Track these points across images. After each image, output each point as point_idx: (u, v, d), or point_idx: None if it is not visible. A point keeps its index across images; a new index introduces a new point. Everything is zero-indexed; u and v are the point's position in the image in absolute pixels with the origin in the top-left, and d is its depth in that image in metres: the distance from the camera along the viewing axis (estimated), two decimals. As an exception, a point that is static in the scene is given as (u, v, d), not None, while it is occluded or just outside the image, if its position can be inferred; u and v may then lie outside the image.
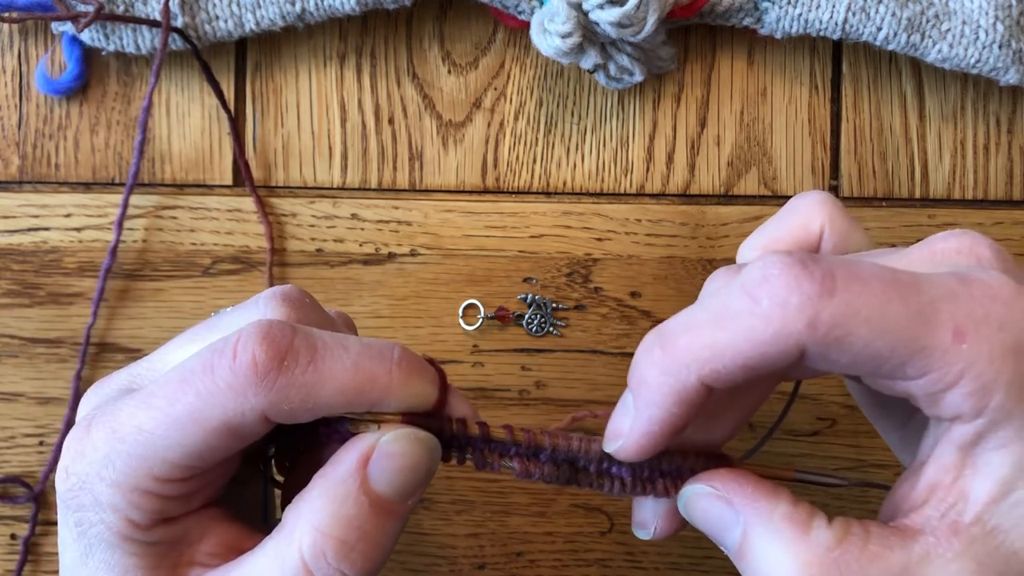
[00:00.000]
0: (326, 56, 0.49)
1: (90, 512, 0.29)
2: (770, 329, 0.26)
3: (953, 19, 0.45)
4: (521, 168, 0.49)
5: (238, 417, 0.28)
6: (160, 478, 0.28)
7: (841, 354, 0.27)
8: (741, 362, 0.27)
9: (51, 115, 0.49)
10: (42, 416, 0.48)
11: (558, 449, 0.31)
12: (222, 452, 0.29)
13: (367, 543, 0.28)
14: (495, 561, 0.48)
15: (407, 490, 0.29)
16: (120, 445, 0.28)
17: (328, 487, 0.28)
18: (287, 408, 0.28)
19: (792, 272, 0.27)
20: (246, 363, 0.27)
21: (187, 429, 0.28)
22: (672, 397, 0.28)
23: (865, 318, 0.26)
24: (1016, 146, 0.49)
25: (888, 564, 0.27)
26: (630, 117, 0.49)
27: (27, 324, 0.48)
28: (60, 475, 0.29)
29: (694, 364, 0.27)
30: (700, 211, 0.48)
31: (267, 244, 0.48)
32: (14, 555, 0.48)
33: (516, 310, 0.48)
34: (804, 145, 0.49)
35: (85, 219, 0.48)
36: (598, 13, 0.43)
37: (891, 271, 0.28)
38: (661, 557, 0.48)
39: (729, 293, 0.27)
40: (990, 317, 0.27)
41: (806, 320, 0.26)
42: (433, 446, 0.29)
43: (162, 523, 0.29)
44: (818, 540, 0.28)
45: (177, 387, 0.28)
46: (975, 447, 0.27)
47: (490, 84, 0.49)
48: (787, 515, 0.28)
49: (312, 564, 0.28)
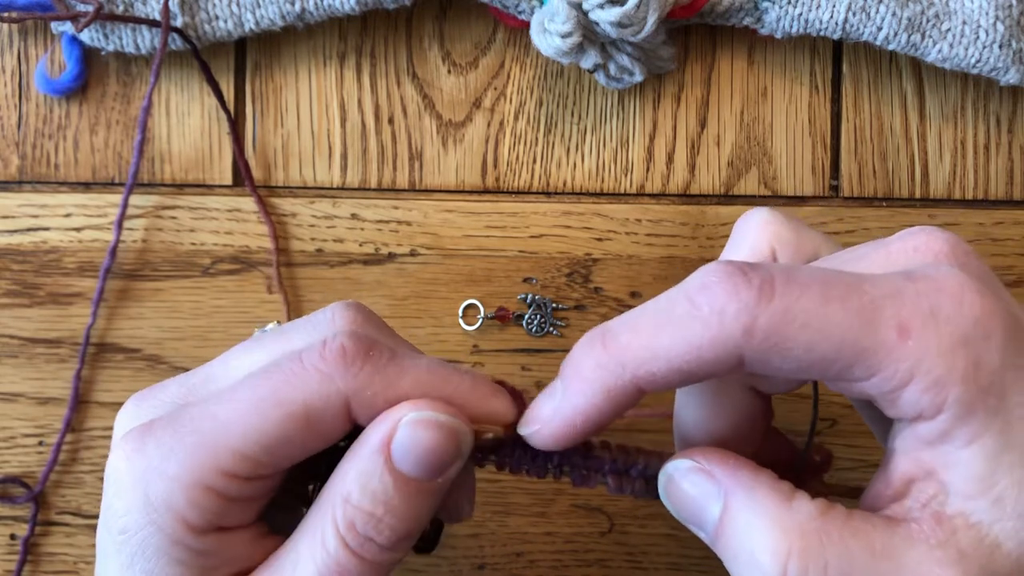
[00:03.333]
0: (326, 56, 0.49)
1: (139, 517, 0.28)
2: (707, 335, 0.26)
3: (953, 19, 0.45)
4: (521, 168, 0.49)
5: (321, 401, 0.28)
6: (227, 472, 0.28)
7: (783, 360, 0.27)
8: (676, 366, 0.27)
9: (51, 115, 0.49)
10: (42, 416, 0.48)
11: (649, 465, 0.31)
12: (295, 448, 0.29)
13: (395, 517, 0.28)
14: (495, 561, 0.48)
15: (431, 471, 0.29)
16: (189, 437, 0.28)
17: (355, 463, 0.29)
18: (370, 394, 0.28)
19: (731, 280, 0.27)
20: (335, 350, 0.28)
21: (268, 412, 0.28)
22: (602, 392, 0.28)
23: (803, 323, 0.26)
24: (1016, 146, 0.49)
25: (870, 540, 0.27)
26: (630, 117, 0.49)
27: (27, 324, 0.48)
28: (111, 477, 0.29)
29: (631, 364, 0.28)
30: (700, 211, 0.48)
31: (272, 244, 0.48)
32: (14, 555, 0.48)
33: (516, 310, 0.48)
34: (804, 145, 0.49)
35: (85, 219, 0.48)
36: (598, 13, 0.43)
37: (835, 273, 0.27)
38: (661, 557, 0.48)
39: (672, 298, 0.28)
40: (936, 311, 0.26)
41: (742, 327, 0.26)
42: (457, 429, 0.29)
43: (216, 532, 0.29)
44: (800, 510, 0.28)
45: (262, 377, 0.29)
46: (943, 444, 0.27)
47: (490, 84, 0.49)
48: (770, 486, 0.28)
49: (345, 533, 0.28)
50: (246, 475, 0.28)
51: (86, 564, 0.48)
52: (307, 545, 0.29)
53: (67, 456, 0.48)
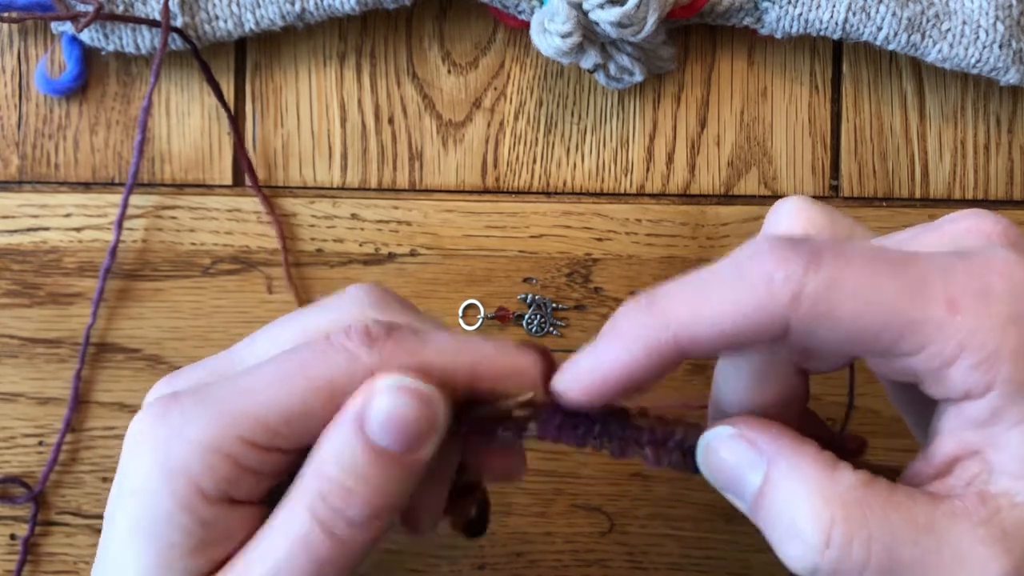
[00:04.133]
0: (326, 56, 0.49)
1: (156, 480, 0.28)
2: (754, 300, 0.26)
3: (953, 19, 0.45)
4: (521, 168, 0.49)
5: (346, 376, 0.28)
6: (246, 439, 0.28)
7: (829, 330, 0.27)
8: (721, 329, 0.27)
9: (51, 115, 0.49)
10: (42, 416, 0.48)
11: (688, 437, 0.30)
12: (314, 422, 0.28)
13: (368, 489, 0.28)
14: (495, 561, 0.48)
15: (405, 442, 0.28)
16: (213, 404, 0.28)
17: (329, 432, 0.28)
18: (394, 368, 0.28)
19: (780, 248, 0.27)
20: (360, 330, 0.29)
21: (293, 384, 0.28)
22: (643, 349, 0.28)
23: (851, 292, 0.26)
24: (1016, 146, 0.49)
25: (913, 514, 0.26)
26: (630, 117, 0.49)
27: (27, 324, 0.48)
28: (132, 440, 0.29)
29: (674, 323, 0.27)
30: (700, 211, 0.48)
31: (279, 242, 0.48)
32: (14, 555, 0.48)
33: (516, 310, 0.48)
34: (804, 145, 0.49)
35: (85, 219, 0.48)
36: (598, 13, 0.43)
37: (883, 250, 0.27)
38: (661, 557, 0.48)
39: (719, 266, 0.28)
40: (987, 289, 0.26)
41: (790, 293, 0.26)
42: (434, 399, 0.28)
43: (225, 503, 0.29)
44: (844, 481, 0.27)
45: (290, 352, 0.29)
46: (992, 425, 0.27)
47: (490, 84, 0.49)
48: (814, 456, 0.28)
49: (314, 506, 0.28)
50: (265, 444, 0.28)
51: (86, 564, 0.48)
52: (281, 519, 0.28)
53: (67, 456, 0.48)
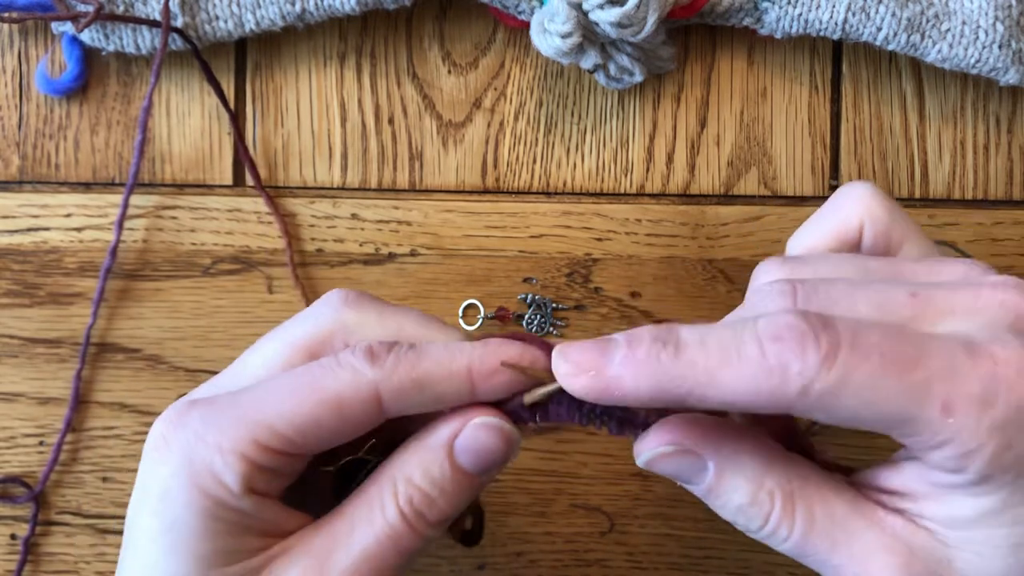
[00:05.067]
0: (326, 56, 0.49)
1: (182, 479, 0.31)
2: (767, 385, 0.28)
3: (953, 19, 0.45)
4: (521, 168, 0.49)
5: (352, 391, 0.31)
6: (261, 444, 0.31)
7: (826, 417, 0.29)
8: (730, 400, 0.29)
9: (51, 115, 0.49)
10: (42, 416, 0.48)
11: None
12: (324, 433, 0.32)
13: (445, 501, 0.33)
14: (495, 561, 0.48)
15: (484, 468, 0.33)
16: (230, 411, 0.31)
17: (420, 451, 0.33)
18: (396, 380, 0.32)
19: (803, 339, 0.28)
20: (364, 349, 0.32)
21: (304, 397, 0.31)
22: (654, 387, 0.30)
23: (855, 391, 0.28)
24: (1016, 146, 0.49)
25: (832, 509, 0.31)
26: (630, 117, 0.49)
27: (27, 324, 0.48)
28: (154, 446, 0.32)
29: (689, 382, 0.29)
30: (700, 211, 0.48)
31: (284, 241, 0.48)
32: (14, 555, 0.48)
33: (516, 310, 0.48)
34: (804, 145, 0.49)
35: (85, 219, 0.48)
36: (598, 13, 0.43)
37: (898, 341, 0.29)
38: (661, 557, 0.48)
39: (745, 336, 0.29)
40: (985, 396, 0.28)
41: (799, 388, 0.28)
42: (514, 439, 0.33)
43: (250, 494, 0.31)
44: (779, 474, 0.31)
45: (302, 369, 0.32)
46: (948, 489, 0.30)
47: (490, 84, 0.49)
48: (751, 453, 0.31)
49: (404, 506, 0.32)
50: (278, 449, 0.31)
51: (86, 564, 0.48)
52: (363, 515, 0.32)
53: (67, 456, 0.48)
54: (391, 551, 0.32)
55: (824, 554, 0.31)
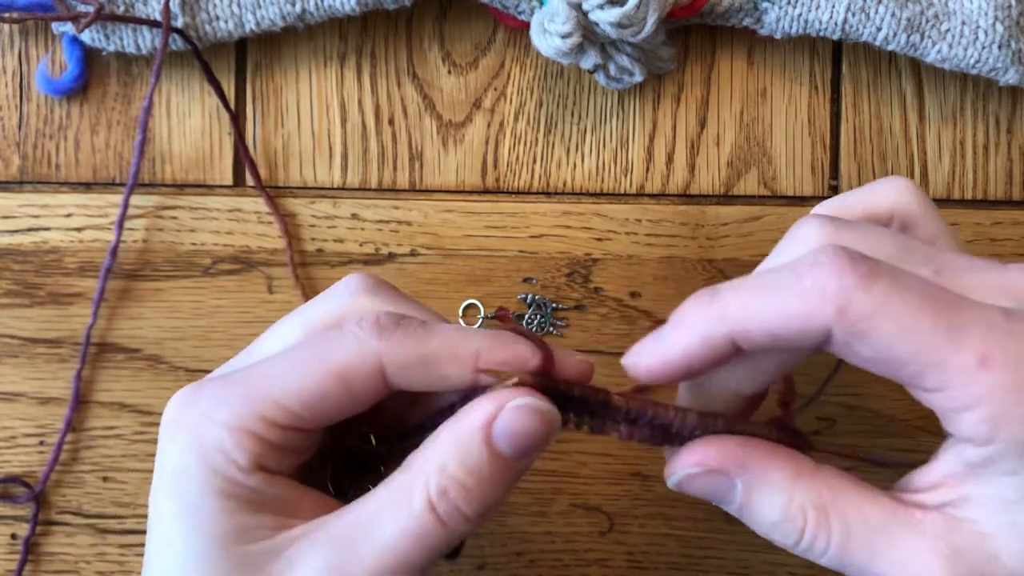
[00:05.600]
0: (326, 56, 0.49)
1: (193, 458, 0.31)
2: (803, 308, 0.29)
3: (953, 19, 0.45)
4: (521, 168, 0.49)
5: (358, 362, 0.31)
6: (268, 419, 0.31)
7: (863, 347, 0.29)
8: (769, 330, 0.29)
9: (51, 115, 0.49)
10: (42, 416, 0.48)
11: (657, 416, 0.33)
12: (330, 406, 0.31)
13: (483, 489, 0.31)
14: (495, 561, 0.48)
15: (523, 452, 0.31)
16: (237, 388, 0.31)
17: (455, 437, 0.31)
18: (402, 355, 0.31)
19: (838, 262, 0.29)
20: (371, 321, 0.31)
21: (309, 370, 0.31)
22: (699, 338, 0.31)
23: (893, 318, 0.28)
24: (1016, 146, 0.49)
25: (867, 516, 0.30)
26: (630, 117, 0.49)
27: (27, 324, 0.48)
28: (166, 427, 0.32)
29: (729, 318, 0.30)
30: (700, 211, 0.48)
31: (284, 241, 0.48)
32: (14, 555, 0.48)
33: (516, 310, 0.48)
34: (804, 145, 0.49)
35: (85, 219, 0.48)
36: (598, 13, 0.43)
37: (939, 289, 0.29)
38: (661, 557, 0.48)
39: (781, 270, 0.30)
40: (1020, 355, 0.28)
41: (837, 307, 0.28)
42: (553, 418, 0.31)
43: (260, 470, 0.31)
44: (810, 486, 0.31)
45: (306, 343, 0.32)
46: (982, 468, 0.29)
47: (490, 84, 0.49)
48: (781, 468, 0.31)
49: (436, 500, 0.30)
50: (286, 424, 0.31)
51: (87, 563, 0.48)
52: (389, 506, 0.31)
53: (68, 456, 0.48)
54: (415, 546, 0.30)
55: (865, 563, 0.30)
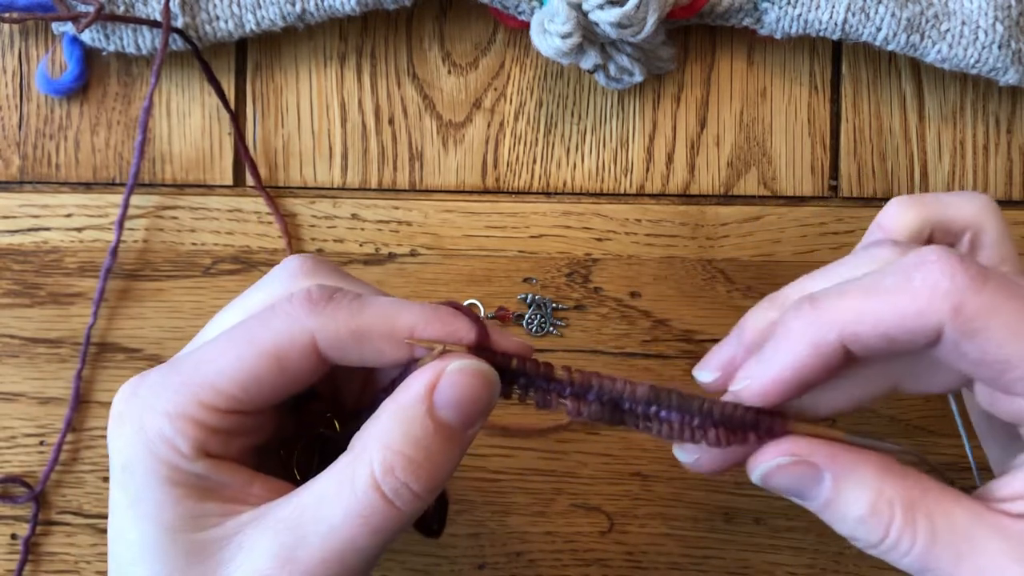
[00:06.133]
0: (326, 56, 0.49)
1: (138, 448, 0.31)
2: (915, 305, 0.29)
3: (952, 19, 0.45)
4: (521, 168, 0.49)
5: (288, 340, 0.30)
6: (205, 403, 0.30)
7: (973, 347, 0.29)
8: (881, 330, 0.29)
9: (52, 115, 0.49)
10: (42, 416, 0.48)
11: (603, 389, 0.32)
12: (266, 386, 0.31)
13: (431, 463, 0.30)
14: (495, 561, 0.48)
15: (469, 419, 0.31)
16: (174, 376, 0.31)
17: (397, 410, 0.30)
18: (333, 328, 0.30)
19: (948, 262, 0.29)
20: (302, 295, 0.31)
21: (241, 351, 0.30)
22: (810, 347, 0.30)
23: (1004, 320, 0.28)
24: (1016, 146, 0.49)
25: (953, 519, 0.29)
26: (630, 117, 0.49)
27: (27, 324, 0.48)
28: (113, 421, 0.31)
29: (837, 323, 0.29)
30: (700, 211, 0.48)
31: (284, 240, 0.48)
32: (14, 555, 0.48)
33: (516, 310, 0.48)
34: (804, 145, 0.49)
35: (86, 219, 0.48)
36: (598, 13, 0.43)
37: None
38: (661, 557, 0.48)
39: (884, 271, 0.30)
40: None
41: (951, 305, 0.28)
42: (494, 380, 0.31)
43: (205, 456, 0.31)
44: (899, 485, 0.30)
45: (239, 324, 0.31)
46: None
47: (490, 84, 0.49)
48: (873, 465, 0.30)
49: (381, 478, 0.30)
50: (225, 408, 0.31)
51: (87, 563, 0.48)
52: (334, 487, 0.30)
53: (68, 456, 0.48)
54: (363, 528, 0.30)
55: (949, 567, 0.29)
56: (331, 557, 0.30)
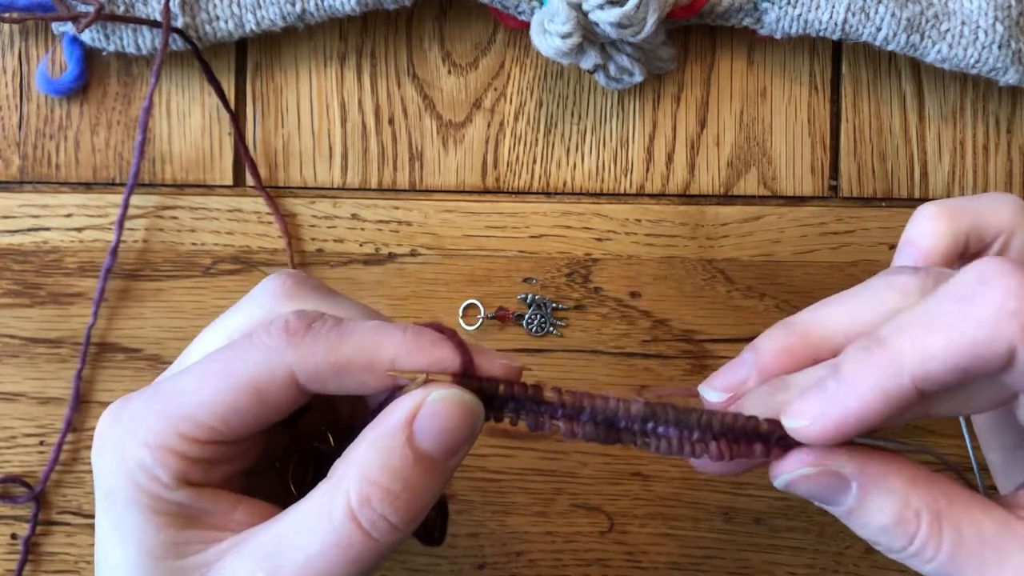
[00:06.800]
0: (326, 56, 0.49)
1: (120, 477, 0.30)
2: (982, 332, 0.27)
3: (952, 19, 0.45)
4: (521, 168, 0.49)
5: (267, 374, 0.30)
6: (185, 435, 0.30)
7: None
8: (953, 364, 0.28)
9: (52, 115, 0.49)
10: (43, 416, 0.48)
11: (596, 409, 0.31)
12: (247, 417, 0.30)
13: (410, 494, 0.29)
14: (495, 561, 0.48)
15: (449, 449, 0.30)
16: (155, 405, 0.31)
17: (376, 440, 0.30)
18: (312, 362, 0.30)
19: (1009, 279, 0.27)
20: (279, 326, 0.30)
21: (220, 384, 0.30)
22: (879, 393, 0.28)
23: None
24: (1015, 146, 0.49)
25: (982, 529, 0.29)
26: (630, 117, 0.49)
27: (28, 324, 0.48)
28: (96, 445, 0.31)
29: (908, 365, 0.28)
30: (700, 211, 0.48)
31: (284, 240, 0.48)
32: (14, 555, 0.48)
33: (516, 310, 0.48)
34: (804, 145, 0.49)
35: (86, 219, 0.48)
36: (598, 13, 0.43)
37: None
38: (661, 557, 0.48)
39: (940, 299, 0.28)
40: None
41: (1020, 325, 0.27)
42: (476, 410, 0.30)
43: (186, 485, 0.30)
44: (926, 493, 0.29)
45: (218, 353, 0.31)
46: None
47: (490, 84, 0.49)
48: (898, 473, 0.30)
49: (358, 509, 0.29)
50: (205, 439, 0.30)
51: (87, 563, 0.48)
52: (314, 516, 0.30)
53: (68, 456, 0.48)
54: (339, 559, 0.29)
55: (973, 575, 0.29)
56: None
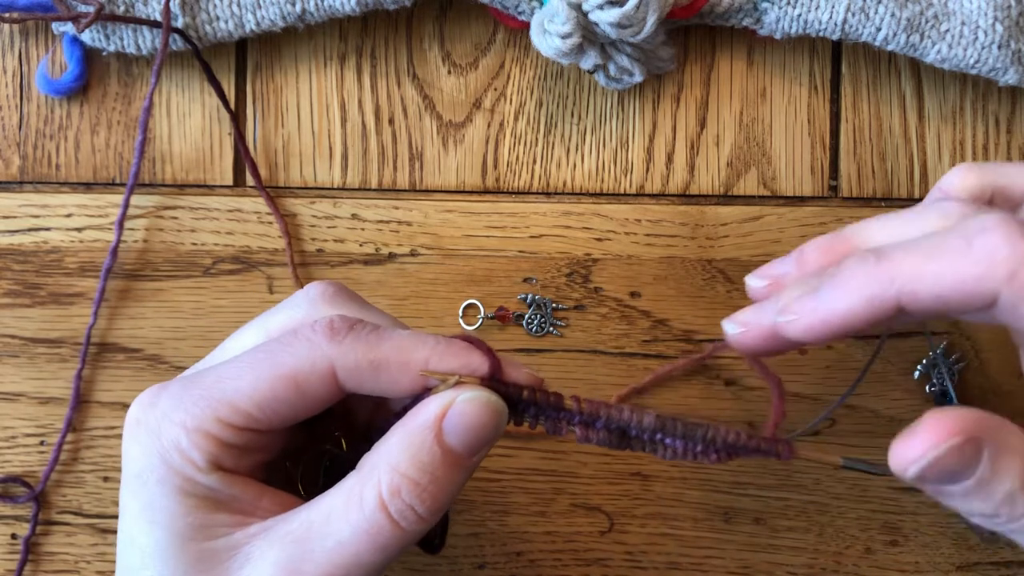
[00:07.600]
0: (326, 56, 0.49)
1: (153, 456, 0.32)
2: (974, 270, 0.29)
3: (952, 20, 0.45)
4: (521, 168, 0.49)
5: (308, 366, 0.31)
6: (223, 420, 0.31)
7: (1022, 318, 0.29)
8: (937, 292, 0.30)
9: (52, 115, 0.49)
10: (43, 416, 0.48)
11: (611, 418, 0.34)
12: (283, 407, 0.32)
13: (436, 487, 0.31)
14: (495, 561, 0.48)
15: (474, 447, 0.32)
16: (195, 390, 0.32)
17: (406, 435, 0.32)
18: (352, 359, 0.32)
19: (1008, 229, 0.30)
20: (324, 324, 0.32)
21: (262, 373, 0.32)
22: (865, 299, 0.31)
23: None
24: (1015, 146, 0.49)
25: None
26: (630, 117, 0.49)
27: (28, 324, 0.48)
28: (128, 428, 0.33)
29: (898, 280, 0.30)
30: (700, 211, 0.48)
31: (284, 240, 0.48)
32: (15, 555, 0.48)
33: (516, 310, 0.48)
34: (804, 145, 0.49)
35: (86, 219, 0.49)
36: (598, 14, 0.43)
37: None
38: (661, 557, 0.48)
39: (946, 235, 0.31)
40: None
41: (1008, 271, 0.29)
42: (502, 411, 0.32)
43: (218, 470, 0.32)
44: None
45: (262, 346, 0.33)
46: None
47: (490, 84, 0.49)
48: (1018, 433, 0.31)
49: (388, 499, 0.31)
50: (241, 425, 0.32)
51: (87, 563, 0.48)
52: (342, 505, 0.31)
53: (68, 456, 0.48)
54: (368, 545, 0.31)
55: None
56: (336, 571, 0.31)
